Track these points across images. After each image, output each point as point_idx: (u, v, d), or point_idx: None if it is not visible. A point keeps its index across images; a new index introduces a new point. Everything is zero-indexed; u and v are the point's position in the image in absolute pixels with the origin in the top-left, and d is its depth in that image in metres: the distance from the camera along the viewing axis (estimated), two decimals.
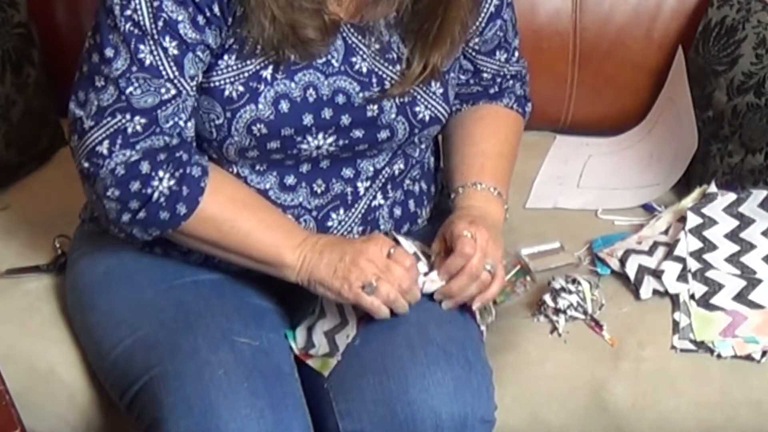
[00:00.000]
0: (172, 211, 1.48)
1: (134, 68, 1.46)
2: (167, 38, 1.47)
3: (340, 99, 1.57)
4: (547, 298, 1.71)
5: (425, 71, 1.59)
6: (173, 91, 1.48)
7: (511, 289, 1.79)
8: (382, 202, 1.65)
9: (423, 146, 1.69)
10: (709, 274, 1.74)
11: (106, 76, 1.47)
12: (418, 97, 1.60)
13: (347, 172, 1.62)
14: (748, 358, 1.68)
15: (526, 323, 1.73)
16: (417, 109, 1.60)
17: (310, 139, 1.56)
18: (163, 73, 1.47)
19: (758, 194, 1.82)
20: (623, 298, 1.75)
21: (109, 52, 1.47)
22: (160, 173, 1.47)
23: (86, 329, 1.64)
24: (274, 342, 1.55)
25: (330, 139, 1.57)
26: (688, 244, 1.79)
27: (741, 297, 1.72)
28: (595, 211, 1.98)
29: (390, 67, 1.59)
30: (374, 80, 1.58)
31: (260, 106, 1.52)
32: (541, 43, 1.83)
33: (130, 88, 1.46)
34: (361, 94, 1.57)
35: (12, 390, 1.47)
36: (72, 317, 1.69)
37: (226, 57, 1.52)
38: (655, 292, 1.74)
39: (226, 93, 1.52)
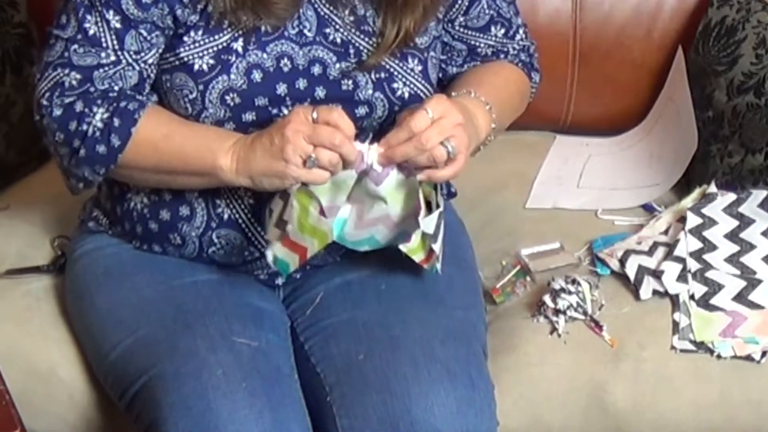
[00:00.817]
0: (107, 144, 1.51)
1: (79, 36, 1.52)
2: (111, 12, 1.52)
3: (316, 70, 1.57)
4: (547, 298, 1.71)
5: (398, 37, 1.58)
6: (113, 58, 1.53)
7: (511, 290, 1.79)
8: None
9: None
10: (709, 274, 1.74)
11: (57, 36, 1.54)
12: (395, 73, 1.60)
13: None
14: (748, 358, 1.68)
15: (525, 324, 1.73)
16: (395, 85, 1.60)
17: (286, 111, 1.56)
18: (104, 44, 1.52)
19: (758, 194, 1.82)
20: (623, 299, 1.75)
21: (63, 19, 1.54)
22: (95, 108, 1.51)
23: (86, 329, 1.64)
24: (273, 343, 1.55)
25: None
26: (688, 244, 1.79)
27: (741, 297, 1.72)
28: (595, 211, 1.98)
29: (366, 39, 1.59)
30: (351, 51, 1.58)
31: (232, 76, 1.53)
32: (541, 43, 1.82)
33: (74, 47, 1.52)
34: (337, 65, 1.58)
35: (12, 390, 1.47)
36: (71, 317, 1.69)
37: (192, 33, 1.54)
38: (655, 292, 1.74)
39: (196, 67, 1.54)
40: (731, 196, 1.83)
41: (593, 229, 1.91)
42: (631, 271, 1.77)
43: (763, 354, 1.68)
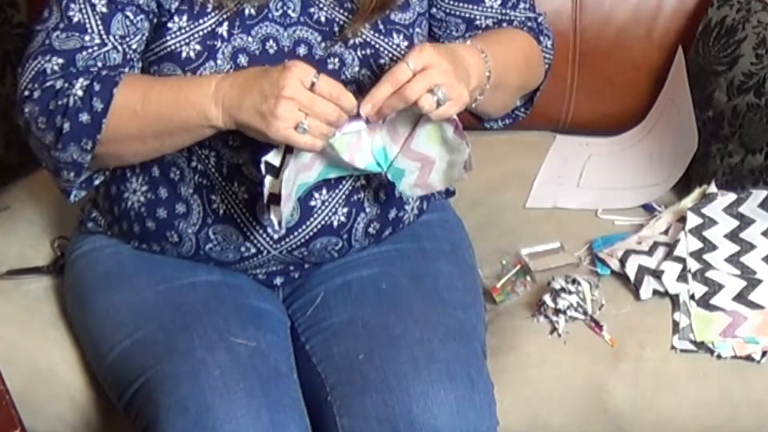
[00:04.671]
0: (90, 110, 1.47)
1: (62, 24, 1.51)
2: None
3: (302, 50, 1.57)
4: (547, 298, 1.71)
5: (374, 2, 1.56)
6: (97, 41, 1.51)
7: (511, 289, 1.79)
8: (365, 183, 1.62)
9: None
10: (709, 274, 1.74)
11: (39, 30, 1.53)
12: (381, 49, 1.59)
13: None
14: (748, 358, 1.68)
15: (525, 324, 1.73)
16: (382, 61, 1.59)
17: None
18: (89, 29, 1.51)
19: (758, 194, 1.82)
20: (623, 299, 1.75)
21: (45, 14, 1.54)
22: (74, 81, 1.48)
23: (85, 330, 1.64)
24: (271, 343, 1.55)
25: None
26: (688, 244, 1.79)
27: (741, 297, 1.72)
28: (595, 211, 1.98)
29: (349, 16, 1.58)
30: (336, 29, 1.58)
31: (219, 62, 1.53)
32: None
33: (56, 33, 1.51)
34: (323, 44, 1.58)
35: (12, 390, 1.46)
36: (71, 318, 1.69)
37: (176, 19, 1.53)
38: (655, 292, 1.74)
39: (184, 54, 1.53)
40: (731, 196, 1.83)
41: (593, 228, 1.91)
42: (631, 271, 1.77)
43: (763, 354, 1.68)
